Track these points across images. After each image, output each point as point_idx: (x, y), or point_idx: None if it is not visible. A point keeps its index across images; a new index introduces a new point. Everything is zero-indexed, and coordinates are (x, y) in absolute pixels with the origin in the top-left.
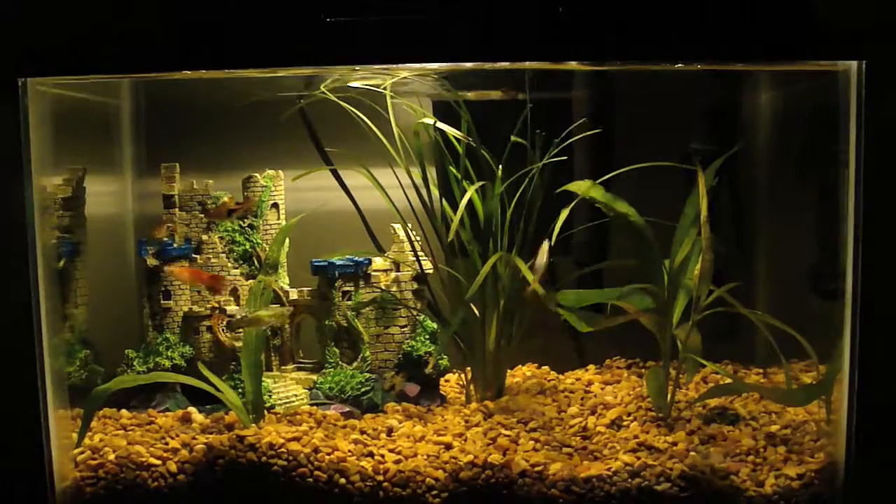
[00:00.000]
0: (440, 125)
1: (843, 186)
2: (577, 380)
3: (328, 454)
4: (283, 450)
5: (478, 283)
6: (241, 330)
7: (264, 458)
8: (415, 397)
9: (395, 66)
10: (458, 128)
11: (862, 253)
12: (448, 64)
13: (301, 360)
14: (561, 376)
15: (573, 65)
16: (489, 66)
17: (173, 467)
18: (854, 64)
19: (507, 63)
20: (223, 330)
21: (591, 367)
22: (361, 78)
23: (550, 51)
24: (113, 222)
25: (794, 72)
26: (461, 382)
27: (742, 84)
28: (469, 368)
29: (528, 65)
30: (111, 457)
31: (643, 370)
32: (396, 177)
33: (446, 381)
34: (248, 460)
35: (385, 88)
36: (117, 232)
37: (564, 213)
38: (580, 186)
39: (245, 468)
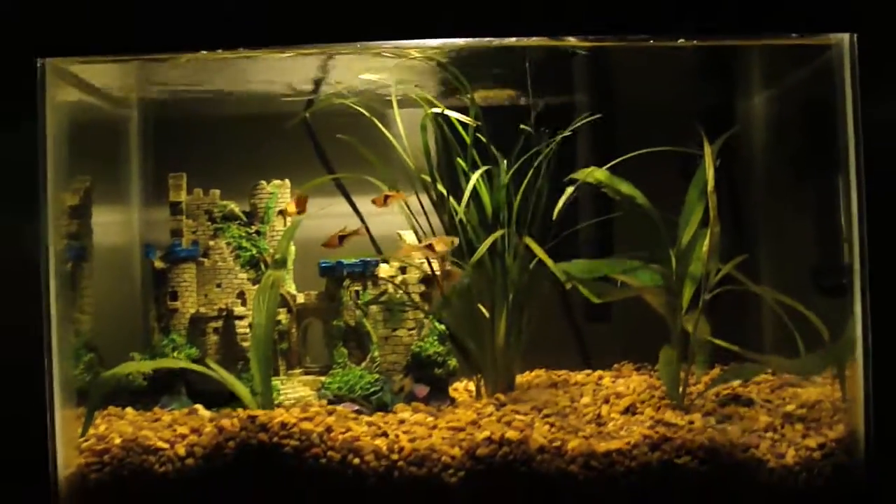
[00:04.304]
0: (447, 112)
1: (844, 157)
2: (588, 374)
3: (342, 433)
4: (295, 429)
5: (481, 251)
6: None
7: (276, 439)
8: (424, 398)
9: (400, 42)
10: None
11: (868, 225)
12: (450, 41)
13: (308, 367)
14: (571, 373)
15: (572, 41)
16: (491, 44)
17: (182, 451)
18: (846, 37)
19: (509, 39)
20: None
21: (599, 371)
22: (370, 69)
23: (545, 26)
24: (118, 229)
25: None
26: (469, 390)
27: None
28: (479, 366)
29: (529, 41)
30: (117, 441)
31: (652, 373)
32: (410, 180)
33: (454, 389)
34: (260, 441)
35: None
36: (121, 240)
37: (568, 192)
38: (586, 174)
39: (256, 449)
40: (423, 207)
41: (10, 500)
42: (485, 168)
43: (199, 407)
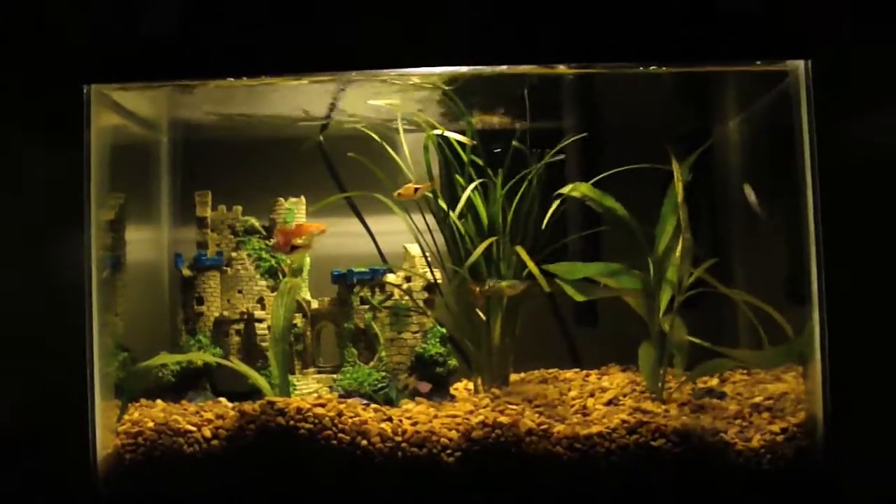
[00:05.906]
0: (447, 133)
1: (801, 176)
2: (576, 372)
3: (351, 417)
4: (309, 414)
5: (475, 256)
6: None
7: (292, 422)
8: (427, 394)
9: (402, 70)
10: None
11: (823, 235)
12: (449, 69)
13: (321, 366)
14: (561, 371)
15: (561, 68)
16: (487, 72)
17: (208, 433)
18: (801, 63)
19: (502, 67)
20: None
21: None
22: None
23: (519, 55)
24: (148, 243)
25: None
26: (468, 389)
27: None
28: (477, 365)
29: (520, 69)
30: (150, 425)
31: (636, 372)
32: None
33: (455, 389)
34: (277, 424)
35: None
36: (151, 252)
37: (555, 204)
38: (572, 188)
39: (274, 431)
40: (427, 224)
41: (55, 475)
42: (479, 181)
43: (222, 400)
